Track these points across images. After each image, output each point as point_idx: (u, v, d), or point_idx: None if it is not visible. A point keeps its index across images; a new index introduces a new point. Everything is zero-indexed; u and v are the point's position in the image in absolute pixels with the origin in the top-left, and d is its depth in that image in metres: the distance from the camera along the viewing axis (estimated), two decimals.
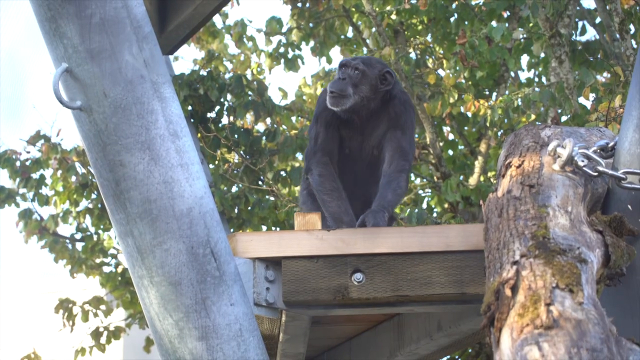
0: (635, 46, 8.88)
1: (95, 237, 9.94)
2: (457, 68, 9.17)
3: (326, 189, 4.26)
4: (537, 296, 2.57)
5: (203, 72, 9.05)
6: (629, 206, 3.35)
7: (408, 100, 4.51)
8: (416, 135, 9.65)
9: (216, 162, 9.14)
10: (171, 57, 8.91)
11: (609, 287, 3.24)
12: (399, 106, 4.45)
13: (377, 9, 9.57)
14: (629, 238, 3.29)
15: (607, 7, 9.59)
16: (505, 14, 9.73)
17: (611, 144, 3.43)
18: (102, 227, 9.82)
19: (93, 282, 10.77)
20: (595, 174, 3.29)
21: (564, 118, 8.48)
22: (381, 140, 4.43)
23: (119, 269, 10.09)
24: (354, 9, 10.20)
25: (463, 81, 9.69)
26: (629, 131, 3.37)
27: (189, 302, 3.57)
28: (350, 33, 10.58)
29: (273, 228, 9.09)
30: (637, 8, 9.07)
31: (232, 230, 8.71)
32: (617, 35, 9.34)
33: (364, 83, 4.37)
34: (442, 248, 3.74)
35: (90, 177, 9.44)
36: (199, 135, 8.58)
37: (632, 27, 9.41)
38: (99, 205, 9.48)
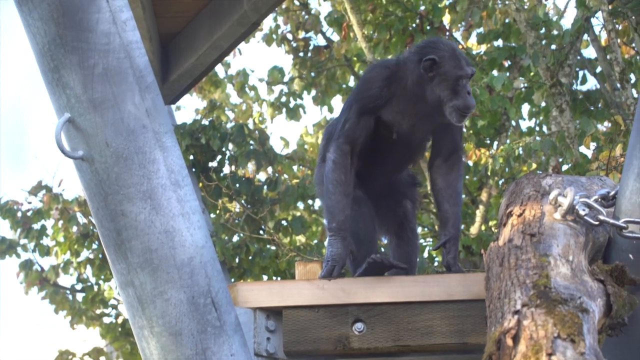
0: (635, 95, 8.92)
1: (95, 288, 9.94)
2: None
3: (334, 179, 4.04)
4: (539, 346, 2.57)
5: (205, 122, 9.10)
6: (630, 255, 3.34)
7: None
8: None
9: (217, 212, 9.15)
10: (173, 106, 8.95)
11: (611, 337, 3.22)
12: None
13: (378, 58, 9.63)
14: (631, 288, 3.28)
15: (608, 57, 9.64)
16: (506, 63, 9.79)
17: (612, 193, 3.43)
18: (102, 277, 9.82)
19: (93, 333, 10.74)
20: (597, 223, 3.29)
21: (565, 167, 8.50)
22: (436, 128, 4.26)
23: (119, 320, 10.08)
24: (355, 58, 10.27)
25: (464, 130, 9.72)
26: (629, 180, 3.38)
27: (189, 353, 3.55)
28: (352, 82, 10.64)
29: (274, 277, 9.09)
30: (638, 57, 9.11)
31: (233, 280, 8.71)
32: (618, 85, 9.39)
33: None
34: (444, 297, 3.73)
35: (91, 227, 9.45)
36: (201, 184, 8.60)
37: (632, 76, 9.47)
38: (100, 256, 9.49)
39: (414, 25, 9.79)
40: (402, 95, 4.12)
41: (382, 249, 4.55)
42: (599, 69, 10.19)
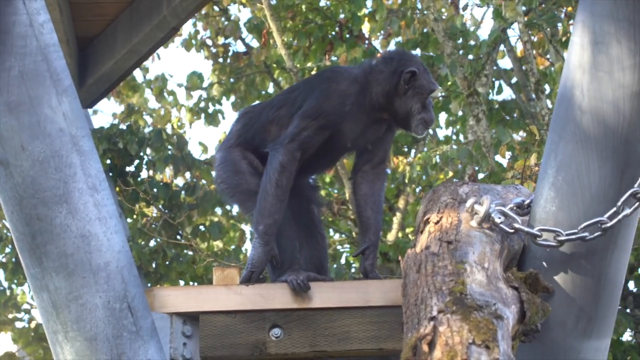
0: (550, 106, 9.07)
1: (8, 292, 9.78)
2: None
3: (276, 181, 3.95)
4: (454, 352, 2.58)
5: (123, 126, 9.03)
6: (544, 263, 3.39)
7: None
8: (335, 191, 9.74)
9: (134, 216, 9.09)
10: (90, 110, 8.86)
11: (524, 344, 3.27)
12: None
13: (298, 65, 9.65)
14: (544, 295, 3.33)
15: (523, 68, 9.79)
16: None
17: (527, 201, 3.48)
18: (15, 281, 9.67)
19: (5, 337, 10.58)
20: (512, 231, 3.34)
21: (481, 175, 8.61)
22: (378, 137, 4.27)
23: (32, 325, 9.93)
24: (275, 65, 10.27)
25: None
26: (544, 189, 3.43)
27: (104, 358, 3.52)
28: (271, 89, 10.65)
29: (191, 283, 9.05)
30: (552, 69, 9.26)
31: (149, 285, 8.64)
32: (533, 95, 9.54)
33: None
34: (361, 303, 3.75)
35: (5, 231, 9.31)
36: (118, 189, 8.53)
37: (547, 87, 9.62)
38: (13, 260, 9.35)
39: (333, 33, 9.83)
40: (362, 104, 4.12)
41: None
42: (514, 80, 10.35)
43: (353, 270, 9.58)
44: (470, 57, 9.35)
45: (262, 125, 4.24)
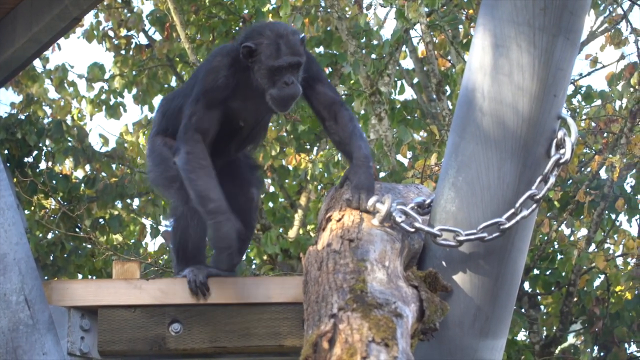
0: (451, 107, 9.18)
1: None
2: (280, 121, 9.28)
3: (193, 167, 3.84)
4: (354, 349, 2.60)
5: (21, 116, 8.88)
6: (443, 262, 3.44)
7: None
8: None
9: (32, 208, 8.95)
10: None
11: (423, 342, 3.30)
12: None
13: (201, 59, 9.61)
14: (443, 294, 3.37)
15: (425, 68, 9.90)
16: (327, 70, 9.91)
17: (428, 201, 3.53)
18: None
19: None
20: (413, 230, 3.37)
21: (382, 174, 8.67)
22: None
23: None
24: (178, 59, 10.22)
25: (285, 134, 9.80)
26: (444, 189, 3.47)
27: None
28: (174, 82, 10.58)
29: (90, 276, 8.95)
30: (453, 70, 9.38)
31: (47, 277, 8.52)
32: (434, 96, 9.65)
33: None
34: (261, 300, 3.76)
35: None
36: (15, 180, 8.38)
37: (448, 88, 9.74)
38: None
39: (237, 28, 9.82)
40: (245, 79, 4.03)
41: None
42: (416, 80, 10.45)
43: (253, 267, 9.58)
44: (373, 56, 9.42)
45: (172, 113, 4.20)
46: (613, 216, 9.19)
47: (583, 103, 9.76)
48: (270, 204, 9.99)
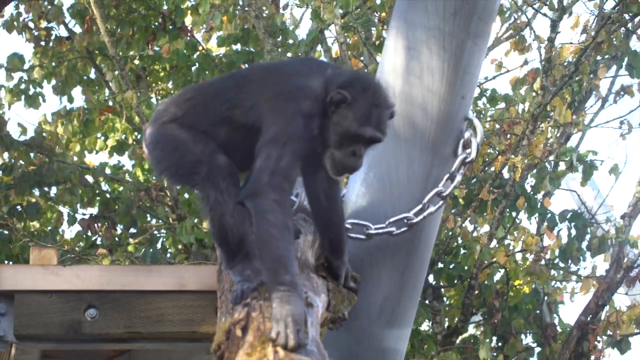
0: None
1: None
2: None
3: (278, 223, 3.10)
4: (265, 337, 2.68)
5: None
6: (354, 255, 3.54)
7: None
8: (154, 178, 9.77)
9: None
10: None
11: (332, 331, 3.41)
12: None
13: (120, 53, 9.64)
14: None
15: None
16: (244, 67, 10.00)
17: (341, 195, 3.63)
18: None
19: None
20: None
21: None
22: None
23: None
24: (97, 52, 10.21)
25: None
26: (356, 184, 3.59)
27: None
28: (92, 74, 10.57)
29: (6, 262, 8.90)
30: (366, 70, 9.53)
31: None
32: None
33: None
34: (176, 287, 3.83)
35: None
36: None
37: None
38: None
39: (157, 23, 9.86)
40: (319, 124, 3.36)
41: None
42: None
43: (169, 255, 9.61)
44: (289, 55, 9.51)
45: (210, 121, 3.50)
46: (514, 214, 9.42)
47: (488, 105, 10.04)
48: (186, 195, 10.01)
